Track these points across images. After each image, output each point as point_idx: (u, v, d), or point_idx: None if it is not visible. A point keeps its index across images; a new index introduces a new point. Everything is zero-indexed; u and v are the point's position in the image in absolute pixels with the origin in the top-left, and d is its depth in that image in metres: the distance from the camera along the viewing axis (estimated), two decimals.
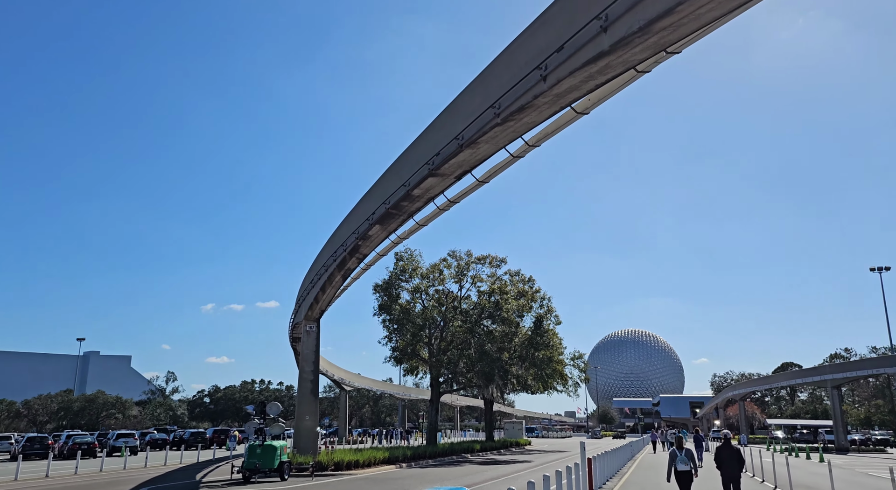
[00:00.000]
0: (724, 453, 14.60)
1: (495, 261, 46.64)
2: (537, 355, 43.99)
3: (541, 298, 47.47)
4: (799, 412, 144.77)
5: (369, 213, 19.46)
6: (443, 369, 44.14)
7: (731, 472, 14.44)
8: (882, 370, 64.40)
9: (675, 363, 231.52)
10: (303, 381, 29.41)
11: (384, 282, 45.53)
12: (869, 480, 27.05)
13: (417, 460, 35.20)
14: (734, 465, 14.48)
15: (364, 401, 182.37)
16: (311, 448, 28.78)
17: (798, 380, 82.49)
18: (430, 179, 15.63)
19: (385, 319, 45.66)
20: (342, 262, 22.94)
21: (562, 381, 56.55)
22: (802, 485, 23.46)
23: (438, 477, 26.40)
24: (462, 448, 44.56)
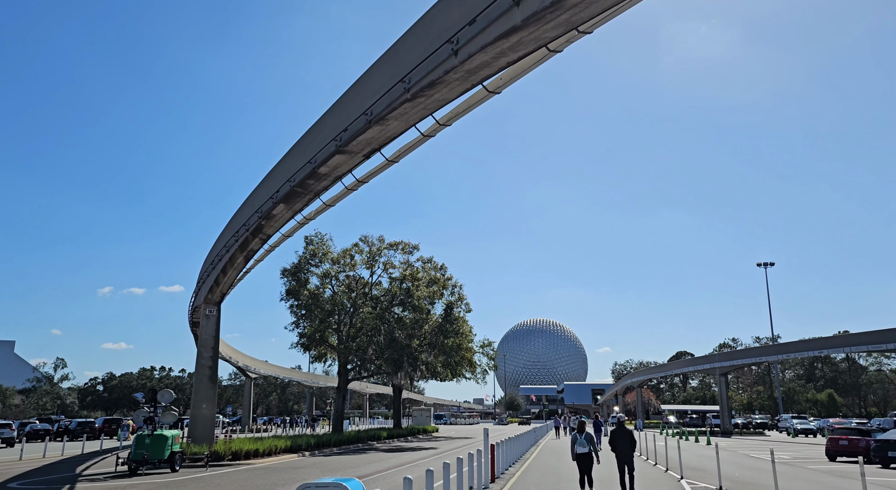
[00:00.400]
0: (619, 436, 15.21)
1: (408, 247, 46.25)
2: (447, 343, 44.07)
3: (452, 286, 47.58)
4: (690, 398, 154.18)
5: (273, 192, 18.44)
6: (351, 356, 43.38)
7: (624, 453, 15.13)
8: (764, 358, 69.31)
9: (579, 352, 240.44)
10: (201, 368, 27.91)
11: (293, 266, 44.13)
12: (749, 461, 28.87)
13: (321, 448, 34.40)
14: (627, 447, 15.14)
15: (271, 388, 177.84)
16: (208, 437, 27.40)
17: (690, 367, 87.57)
18: (337, 156, 14.94)
19: (293, 305, 44.34)
20: (244, 243, 21.74)
21: (470, 369, 57.13)
22: (691, 466, 24.63)
23: (341, 465, 25.82)
24: (369, 435, 44.07)
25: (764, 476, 21.83)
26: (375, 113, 13.08)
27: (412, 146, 14.87)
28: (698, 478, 20.87)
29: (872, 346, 52.07)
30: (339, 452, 34.03)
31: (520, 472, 22.02)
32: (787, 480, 20.26)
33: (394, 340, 42.27)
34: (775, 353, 67.57)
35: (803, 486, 19.18)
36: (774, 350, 68.25)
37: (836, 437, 30.98)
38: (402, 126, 13.55)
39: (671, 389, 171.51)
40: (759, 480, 20.42)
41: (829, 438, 31.26)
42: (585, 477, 15.11)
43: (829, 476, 22.53)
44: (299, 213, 19.16)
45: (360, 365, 44.14)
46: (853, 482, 20.53)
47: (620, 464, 15.22)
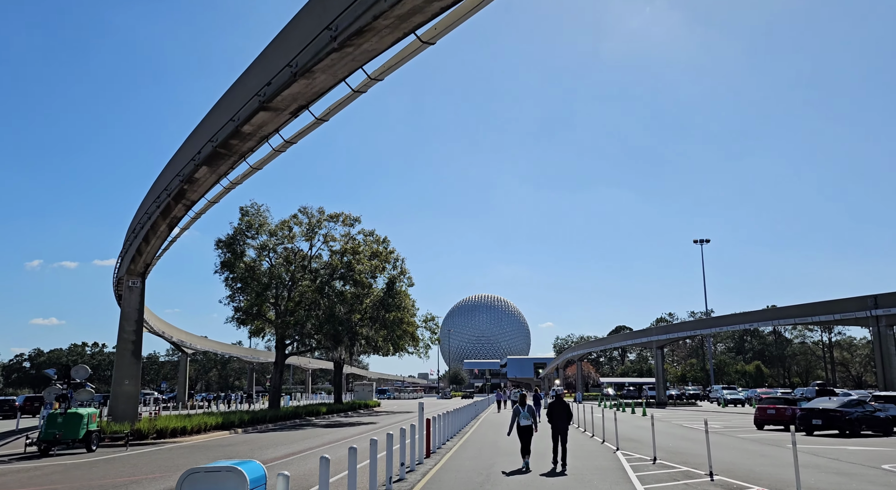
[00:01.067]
0: (555, 409, 15.96)
1: (349, 219, 44.94)
2: (388, 317, 43.32)
3: (395, 259, 46.70)
4: (628, 371, 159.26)
5: (195, 153, 17.02)
6: (289, 331, 42.13)
7: (559, 424, 15.86)
8: (699, 332, 71.54)
9: (522, 327, 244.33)
10: (123, 342, 26.30)
11: (228, 237, 42.33)
12: (682, 431, 29.47)
13: (256, 425, 33.35)
14: (563, 419, 15.88)
15: (211, 365, 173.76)
16: (131, 415, 25.97)
17: (629, 341, 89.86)
18: (261, 114, 13.77)
19: (228, 278, 42.67)
20: (166, 209, 20.23)
21: (413, 343, 56.69)
22: (627, 438, 24.85)
23: (272, 442, 24.92)
24: (307, 411, 43.19)
25: (696, 446, 22.16)
26: (300, 65, 12.00)
27: (342, 103, 13.83)
28: (633, 449, 20.97)
29: (799, 319, 54.30)
30: (275, 429, 33.07)
31: (457, 447, 21.66)
32: (718, 449, 20.56)
33: (333, 315, 41.22)
34: (709, 327, 69.86)
35: (734, 454, 19.48)
36: (708, 323, 70.54)
37: (764, 406, 31.98)
38: (331, 80, 12.52)
39: (610, 363, 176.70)
40: (691, 450, 20.66)
41: (758, 408, 32.26)
42: (525, 448, 15.93)
43: (757, 444, 23.10)
44: (224, 177, 17.85)
45: (299, 340, 42.95)
46: (780, 449, 21.04)
47: (555, 434, 15.91)
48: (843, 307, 49.23)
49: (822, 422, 27.51)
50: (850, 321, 50.79)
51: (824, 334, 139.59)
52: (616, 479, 13.97)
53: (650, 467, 16.07)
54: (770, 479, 14.14)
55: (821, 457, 18.74)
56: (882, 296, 45.85)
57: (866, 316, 46.56)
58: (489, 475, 14.62)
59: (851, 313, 48.27)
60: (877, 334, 46.09)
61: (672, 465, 16.64)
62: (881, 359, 45.48)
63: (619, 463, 16.99)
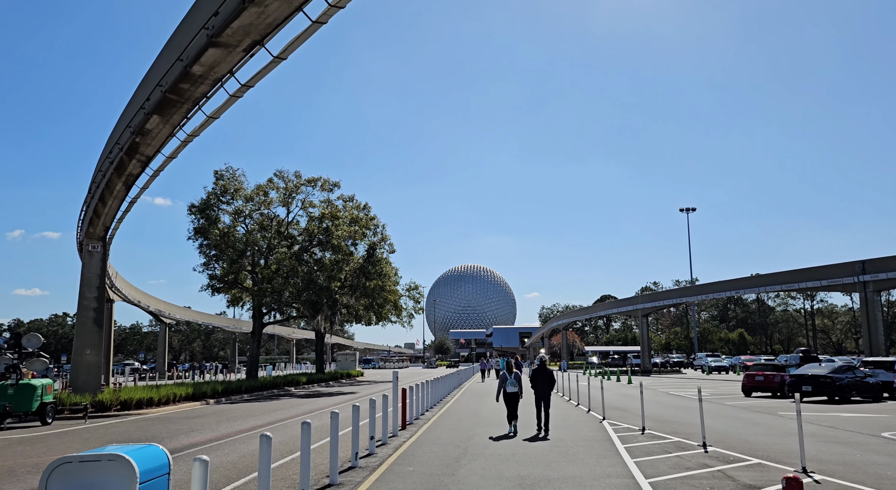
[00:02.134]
0: (539, 375, 16.23)
1: (327, 184, 43.16)
2: (369, 285, 42.03)
3: (375, 226, 45.21)
4: (612, 340, 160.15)
5: (143, 100, 15.43)
6: (267, 299, 40.76)
7: (542, 390, 16.06)
8: (684, 299, 71.17)
9: (508, 297, 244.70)
10: (83, 309, 24.84)
11: (201, 202, 40.57)
12: (669, 399, 28.73)
13: (230, 395, 32.22)
14: (546, 385, 16.11)
15: (195, 335, 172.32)
16: (93, 386, 24.67)
17: (614, 310, 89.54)
18: (211, 51, 12.21)
19: (202, 244, 41.08)
20: (120, 166, 18.60)
21: (396, 312, 55.60)
22: (613, 406, 23.99)
23: (242, 413, 23.80)
24: (287, 381, 42.14)
25: (685, 414, 21.33)
26: None
27: (302, 37, 12.24)
28: (620, 418, 20.06)
29: (786, 286, 53.81)
30: (250, 399, 31.98)
31: (436, 418, 20.65)
32: (709, 418, 19.67)
33: (312, 282, 39.87)
34: (695, 295, 69.47)
35: (724, 422, 18.62)
36: (694, 291, 70.13)
37: (753, 373, 31.34)
38: (286, 8, 10.98)
39: (595, 332, 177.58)
40: (681, 419, 19.79)
41: (746, 375, 31.61)
42: (512, 414, 16.21)
43: (747, 412, 22.31)
44: (180, 129, 16.24)
45: (276, 308, 41.61)
46: (772, 417, 20.25)
47: (538, 400, 16.07)
48: (830, 273, 48.72)
49: (812, 388, 26.83)
50: (838, 287, 50.40)
51: (806, 302, 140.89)
52: (603, 452, 12.95)
53: (639, 438, 15.10)
54: (768, 450, 13.19)
55: (816, 425, 17.92)
56: (870, 261, 45.30)
57: (854, 282, 46.06)
58: (467, 448, 13.55)
59: (839, 279, 47.77)
60: (864, 300, 45.67)
61: (662, 435, 15.69)
62: (868, 324, 45.14)
63: (605, 434, 16.03)
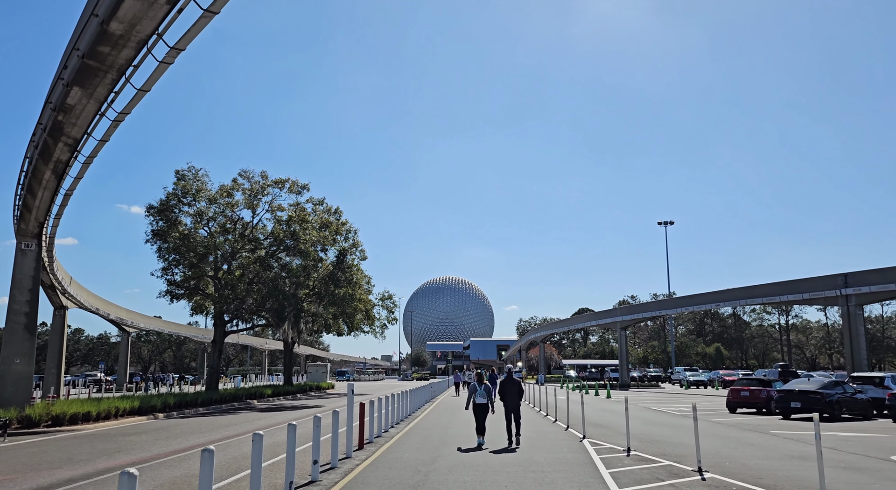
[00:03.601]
0: (507, 386, 16.13)
1: (296, 186, 40.94)
2: (338, 292, 39.88)
3: (346, 231, 43.12)
4: (590, 353, 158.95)
5: (62, 68, 13.43)
6: (229, 306, 38.39)
7: (511, 402, 15.97)
8: (663, 312, 70.07)
9: (486, 309, 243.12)
10: (14, 314, 22.49)
11: (160, 202, 38.27)
12: (651, 415, 27.09)
13: (183, 409, 29.84)
14: (515, 396, 15.99)
15: (165, 345, 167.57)
16: (22, 399, 22.27)
17: (592, 322, 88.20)
18: (129, 2, 10.33)
19: (161, 248, 38.72)
20: (45, 150, 16.44)
21: (369, 322, 53.46)
22: (593, 423, 22.26)
23: (191, 429, 21.60)
24: (250, 393, 39.77)
25: (672, 432, 19.65)
26: None
27: None
28: (602, 436, 18.29)
29: (767, 299, 52.83)
30: (206, 413, 29.67)
31: (401, 435, 18.70)
32: (693, 436, 18.04)
33: (276, 289, 37.65)
34: (673, 307, 68.38)
35: (716, 443, 16.93)
36: (672, 304, 69.05)
37: (738, 388, 29.86)
38: None
39: (573, 345, 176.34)
40: (668, 438, 18.08)
41: (731, 390, 30.13)
42: (480, 426, 15.90)
43: (736, 430, 20.70)
44: (108, 106, 14.16)
45: (238, 316, 39.21)
46: (765, 437, 18.65)
47: (507, 412, 15.97)
48: (812, 286, 47.75)
49: (801, 405, 25.38)
50: (820, 300, 49.44)
51: (782, 317, 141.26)
52: (585, 479, 11.15)
53: (624, 461, 13.32)
54: (773, 477, 11.49)
55: (814, 445, 16.29)
56: (852, 274, 44.40)
57: (836, 295, 45.08)
58: (428, 474, 11.65)
59: (821, 292, 46.81)
60: (846, 314, 44.70)
61: (650, 457, 13.93)
62: (850, 339, 44.11)
63: (586, 455, 14.23)
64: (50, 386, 40.69)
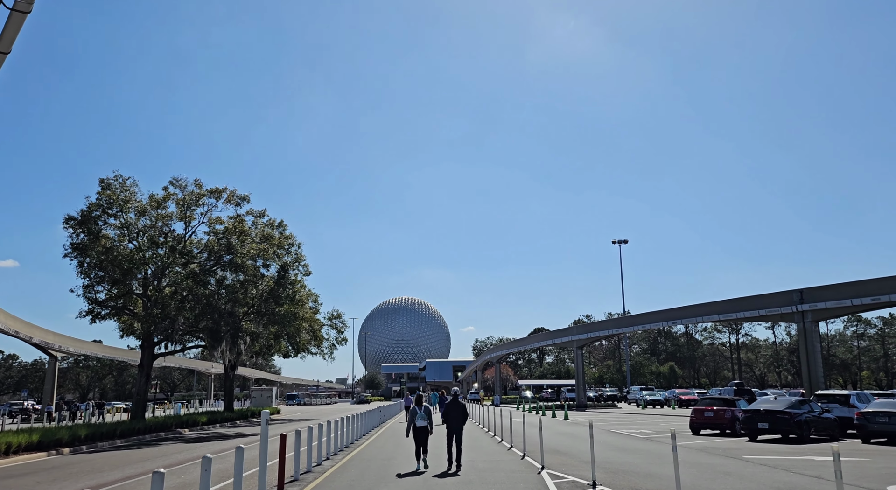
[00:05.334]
0: (451, 409, 15.87)
1: (234, 197, 38.06)
2: (279, 310, 37.08)
3: (289, 245, 40.39)
4: (546, 373, 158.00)
5: None
6: (158, 325, 35.14)
7: (454, 425, 15.70)
8: (618, 330, 69.09)
9: (443, 330, 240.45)
10: None
11: (81, 213, 34.99)
12: (612, 438, 25.26)
13: (97, 441, 26.56)
14: (458, 419, 15.72)
15: (106, 371, 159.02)
16: None
17: (548, 341, 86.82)
18: None
19: (82, 263, 35.35)
20: None
21: (316, 343, 50.61)
22: (551, 449, 20.23)
23: (96, 466, 18.67)
24: (182, 422, 36.44)
25: (640, 459, 17.78)
26: None
27: None
28: (562, 466, 16.27)
29: (723, 316, 52.27)
30: (124, 445, 26.50)
31: (335, 468, 16.30)
32: (664, 465, 16.19)
33: (211, 307, 34.66)
34: (629, 325, 67.52)
35: (689, 472, 15.01)
36: (629, 322, 68.21)
37: (701, 408, 28.38)
38: None
39: (529, 365, 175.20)
40: (637, 466, 16.16)
41: (694, 410, 28.63)
42: (421, 448, 15.75)
43: (706, 455, 18.97)
44: None
45: (169, 337, 35.95)
46: (741, 463, 16.94)
47: (449, 434, 15.72)
48: (767, 303, 47.27)
49: (768, 425, 23.97)
50: (776, 317, 48.98)
51: (732, 336, 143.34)
52: None
53: None
54: None
55: (798, 473, 14.65)
56: (808, 290, 44.04)
57: (791, 311, 44.61)
58: None
59: (777, 309, 46.30)
60: (802, 330, 44.21)
61: None
62: (806, 356, 43.55)
63: None
64: None
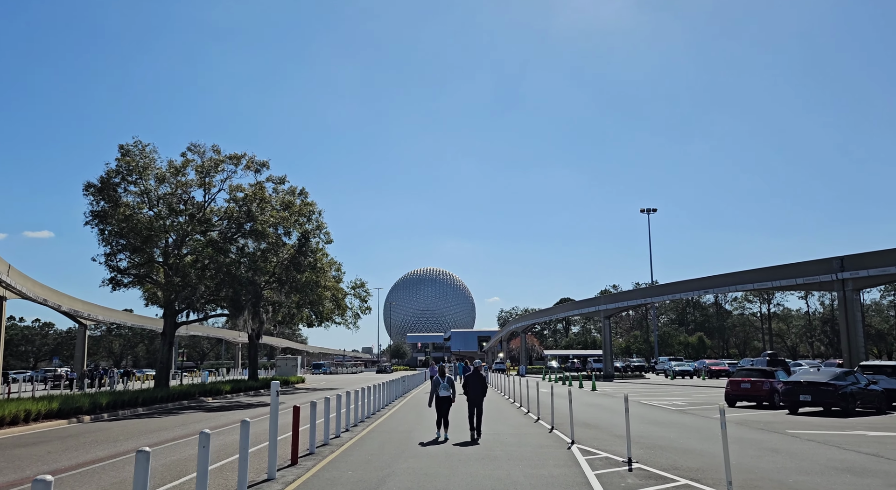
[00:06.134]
0: (471, 381, 16.00)
1: (253, 163, 37.19)
2: (300, 278, 36.41)
3: (311, 212, 39.51)
4: (572, 343, 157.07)
5: None
6: (179, 294, 34.78)
7: (474, 396, 15.73)
8: (647, 299, 67.68)
9: (468, 300, 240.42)
10: None
11: (101, 180, 34.51)
12: (644, 410, 24.23)
13: (120, 409, 26.38)
14: (478, 391, 15.80)
15: (137, 339, 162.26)
16: None
17: (575, 311, 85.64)
18: None
19: (104, 231, 35.00)
20: None
21: (339, 312, 50.21)
22: (581, 422, 19.32)
23: (115, 435, 18.26)
24: (205, 390, 36.32)
25: (674, 433, 16.74)
26: None
27: None
28: (593, 440, 15.30)
29: (759, 284, 50.48)
30: (146, 414, 26.29)
31: (354, 441, 15.58)
32: (707, 441, 15.15)
33: (232, 275, 34.13)
34: (658, 295, 65.95)
35: (735, 449, 13.75)
36: (657, 291, 66.64)
37: (737, 379, 27.15)
38: None
39: (554, 335, 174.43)
40: (675, 441, 15.10)
41: (730, 381, 27.45)
42: (442, 419, 15.74)
43: (747, 429, 17.83)
44: None
45: (190, 305, 35.56)
46: (781, 437, 15.81)
47: (471, 407, 15.72)
48: (805, 271, 45.39)
49: (811, 398, 22.70)
50: (814, 286, 47.14)
51: (763, 306, 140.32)
52: None
53: (628, 480, 10.30)
54: None
55: (852, 451, 13.45)
56: (849, 257, 42.07)
57: (831, 279, 42.75)
58: None
59: (815, 277, 44.43)
60: (843, 299, 42.37)
61: (660, 473, 10.90)
62: (847, 325, 41.80)
63: (578, 470, 11.18)
64: None
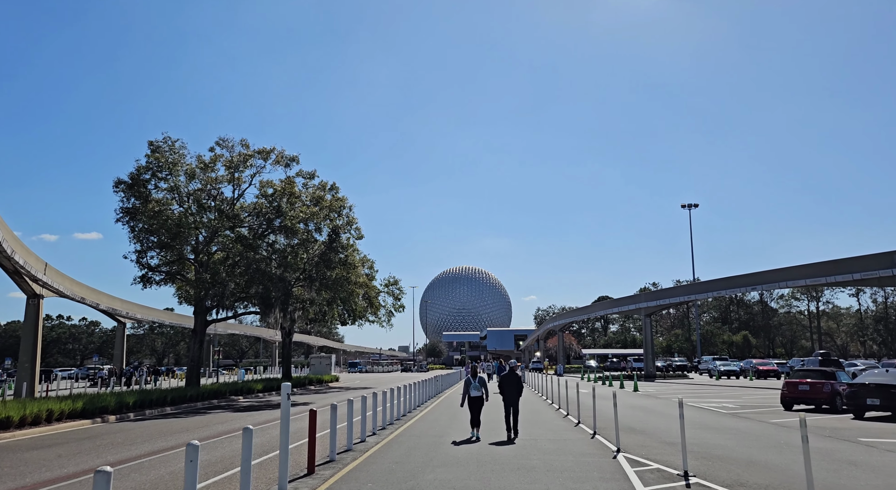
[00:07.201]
0: (506, 381, 15.89)
1: (283, 157, 36.53)
2: (330, 275, 35.56)
3: (341, 207, 38.63)
4: (610, 342, 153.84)
5: None
6: (208, 292, 34.26)
7: (510, 397, 15.62)
8: (690, 297, 65.11)
9: (504, 299, 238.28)
10: None
11: (131, 176, 34.22)
12: (694, 414, 22.50)
13: (147, 409, 25.88)
14: (513, 391, 15.61)
15: (179, 337, 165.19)
16: None
17: (614, 309, 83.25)
18: None
19: (135, 228, 34.72)
20: None
21: (372, 310, 49.37)
22: (626, 426, 17.84)
23: (136, 437, 17.56)
24: (237, 389, 35.84)
25: (731, 441, 15.14)
26: None
27: None
28: (641, 448, 13.85)
29: (811, 280, 47.69)
30: (173, 414, 25.73)
31: (379, 446, 14.47)
32: (771, 451, 13.56)
33: (261, 272, 33.46)
34: (702, 292, 63.35)
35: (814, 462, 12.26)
36: (700, 288, 64.03)
37: (795, 381, 25.18)
38: None
39: (592, 334, 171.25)
40: (731, 450, 13.54)
41: (787, 383, 25.47)
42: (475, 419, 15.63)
43: (813, 437, 16.06)
44: None
45: (219, 303, 35.03)
46: (856, 447, 14.13)
47: (507, 407, 15.71)
48: (862, 266, 42.57)
49: (879, 402, 20.75)
50: (873, 281, 44.22)
51: (811, 304, 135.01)
52: None
53: None
54: None
55: None
56: None
57: (891, 275, 39.95)
58: None
59: (874, 272, 41.61)
60: None
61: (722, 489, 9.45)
62: None
63: (627, 484, 9.83)
64: (23, 382, 37.08)
